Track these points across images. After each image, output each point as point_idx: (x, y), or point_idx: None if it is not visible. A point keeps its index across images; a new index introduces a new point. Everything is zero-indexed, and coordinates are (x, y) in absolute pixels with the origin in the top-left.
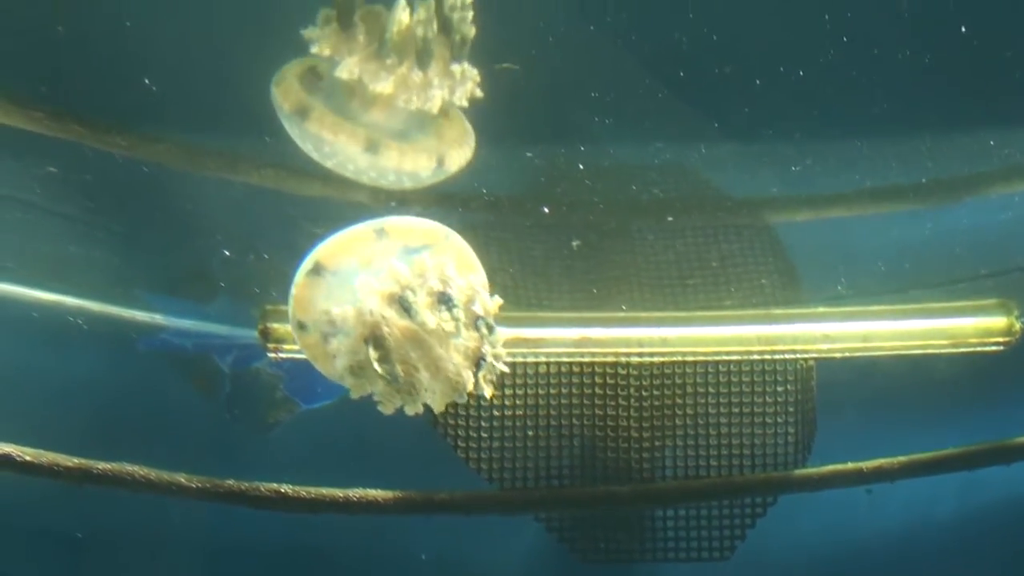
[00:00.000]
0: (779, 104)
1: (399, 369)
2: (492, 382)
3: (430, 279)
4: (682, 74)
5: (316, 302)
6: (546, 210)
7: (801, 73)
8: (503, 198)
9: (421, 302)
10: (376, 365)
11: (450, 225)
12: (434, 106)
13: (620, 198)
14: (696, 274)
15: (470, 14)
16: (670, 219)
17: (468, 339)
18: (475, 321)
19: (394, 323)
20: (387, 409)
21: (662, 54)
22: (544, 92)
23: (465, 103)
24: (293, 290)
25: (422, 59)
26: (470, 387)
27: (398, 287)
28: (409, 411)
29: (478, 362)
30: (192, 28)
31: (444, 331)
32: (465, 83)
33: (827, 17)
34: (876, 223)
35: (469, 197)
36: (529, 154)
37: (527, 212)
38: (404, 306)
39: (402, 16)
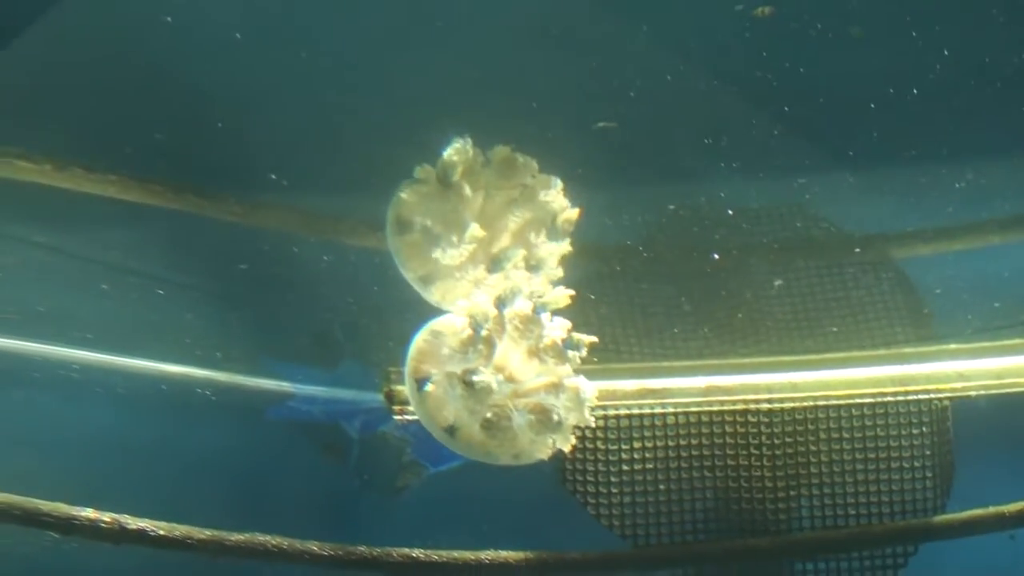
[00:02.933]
0: (903, 128)
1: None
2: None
3: (480, 300)
4: (787, 108)
5: (441, 405)
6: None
7: (915, 92)
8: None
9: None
10: (473, 388)
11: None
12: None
13: (743, 240)
14: (824, 315)
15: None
16: (796, 259)
17: (544, 337)
18: (538, 314)
19: (479, 363)
20: (543, 452)
21: (753, 93)
22: (655, 145)
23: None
24: (418, 411)
25: (494, 267)
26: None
27: (463, 331)
28: (562, 443)
29: (565, 346)
30: (306, 94)
31: (521, 324)
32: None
33: (914, 35)
34: (1007, 253)
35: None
36: (672, 206)
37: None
38: (474, 327)
39: (475, 233)
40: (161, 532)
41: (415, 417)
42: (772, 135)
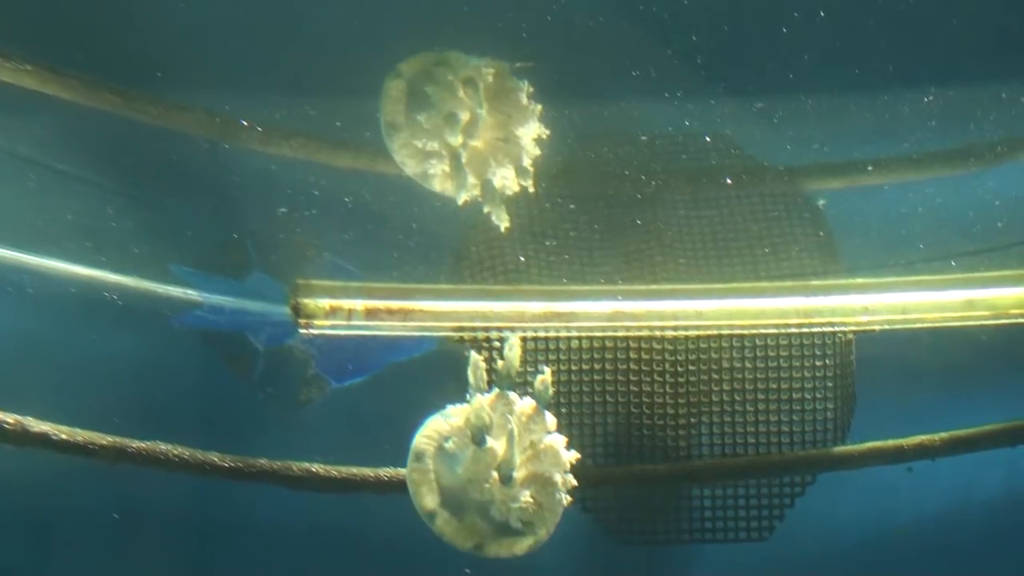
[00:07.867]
0: (835, 52)
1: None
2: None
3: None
4: (694, 38)
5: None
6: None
7: (822, 15)
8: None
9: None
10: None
11: None
12: None
13: (656, 168)
14: (732, 245)
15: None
16: (708, 188)
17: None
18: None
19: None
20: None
21: (648, 27)
22: (581, 78)
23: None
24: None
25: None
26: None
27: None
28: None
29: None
30: None
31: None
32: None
33: None
34: (915, 189)
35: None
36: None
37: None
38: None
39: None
40: (63, 436)
41: (320, 332)
42: (695, 63)
